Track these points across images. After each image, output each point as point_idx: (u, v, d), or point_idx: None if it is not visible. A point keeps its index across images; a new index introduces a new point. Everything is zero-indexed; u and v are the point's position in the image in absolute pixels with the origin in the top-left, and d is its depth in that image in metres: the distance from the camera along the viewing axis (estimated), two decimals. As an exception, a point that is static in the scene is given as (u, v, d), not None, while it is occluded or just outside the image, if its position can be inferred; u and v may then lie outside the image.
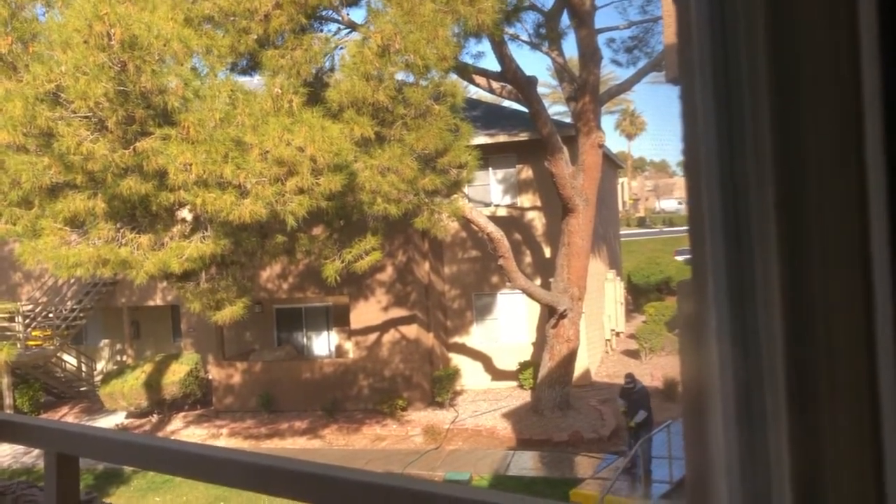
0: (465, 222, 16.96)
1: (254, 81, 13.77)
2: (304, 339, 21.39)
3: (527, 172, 20.33)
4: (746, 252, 0.39)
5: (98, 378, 21.99)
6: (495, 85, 17.41)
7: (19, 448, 17.41)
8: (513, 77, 16.33)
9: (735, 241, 0.39)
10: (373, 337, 19.51)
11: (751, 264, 0.38)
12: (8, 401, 19.19)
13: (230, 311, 13.01)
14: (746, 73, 0.39)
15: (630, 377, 13.51)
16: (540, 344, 18.90)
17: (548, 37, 18.18)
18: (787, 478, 0.38)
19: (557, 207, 18.01)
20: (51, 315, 21.04)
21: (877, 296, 0.36)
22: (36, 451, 17.11)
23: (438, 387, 18.80)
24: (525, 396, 18.80)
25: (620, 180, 47.20)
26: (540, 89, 17.52)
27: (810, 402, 0.37)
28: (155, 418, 19.42)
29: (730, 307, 0.39)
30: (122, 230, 11.31)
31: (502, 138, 19.64)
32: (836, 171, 0.37)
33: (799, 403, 0.37)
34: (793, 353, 0.37)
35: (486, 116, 20.89)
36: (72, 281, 20.96)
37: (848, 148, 0.38)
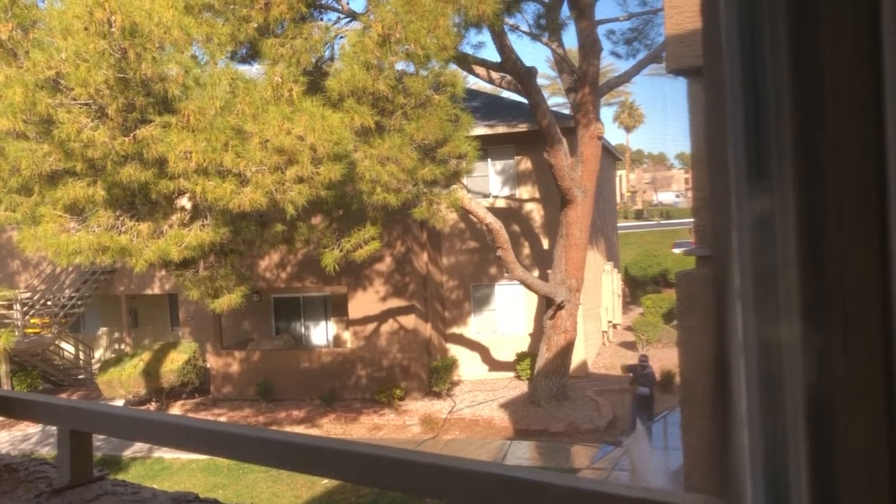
0: (464, 213, 16.98)
1: (254, 70, 13.76)
2: (303, 329, 21.42)
3: (525, 163, 20.33)
4: (766, 177, 0.42)
5: (96, 366, 22.04)
6: (495, 76, 17.40)
7: (17, 434, 17.45)
8: (512, 68, 16.31)
9: (755, 168, 0.42)
10: (371, 327, 19.55)
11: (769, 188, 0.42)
12: (6, 388, 19.21)
13: (228, 300, 13.03)
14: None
15: (644, 358, 14.48)
16: (537, 335, 18.96)
17: (548, 28, 18.15)
18: (801, 363, 0.41)
19: (556, 199, 18.04)
20: (49, 303, 21.05)
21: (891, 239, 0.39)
22: (34, 439, 17.15)
23: (436, 377, 18.86)
24: (522, 387, 18.87)
25: (618, 172, 47.22)
26: (539, 80, 17.51)
27: (821, 300, 0.40)
28: (153, 406, 19.46)
29: (749, 188, 0.42)
30: (121, 218, 11.31)
31: (501, 129, 19.63)
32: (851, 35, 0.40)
33: (812, 301, 0.41)
34: (806, 256, 0.41)
35: (486, 107, 20.88)
36: (70, 269, 20.96)
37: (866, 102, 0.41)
